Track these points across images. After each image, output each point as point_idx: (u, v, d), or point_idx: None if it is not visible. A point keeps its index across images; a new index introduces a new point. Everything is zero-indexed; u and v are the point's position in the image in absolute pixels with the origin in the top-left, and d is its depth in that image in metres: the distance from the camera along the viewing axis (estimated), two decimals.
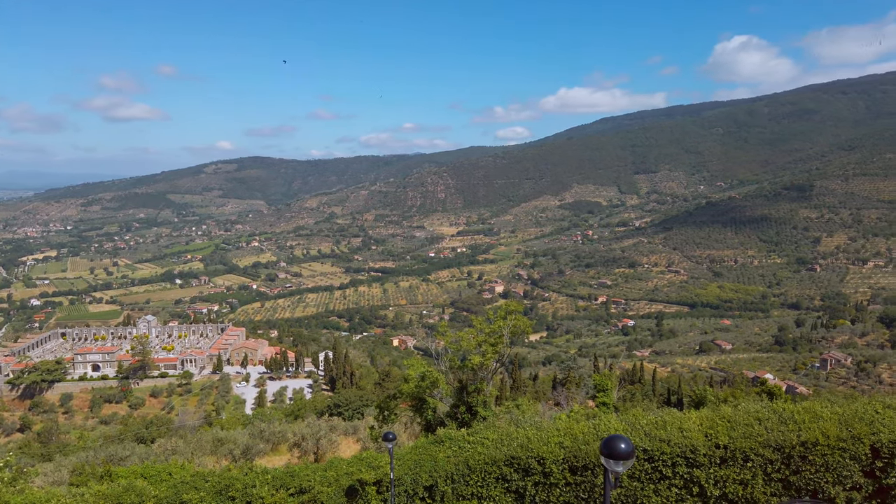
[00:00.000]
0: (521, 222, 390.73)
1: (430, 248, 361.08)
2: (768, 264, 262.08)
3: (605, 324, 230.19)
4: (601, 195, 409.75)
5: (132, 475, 13.43)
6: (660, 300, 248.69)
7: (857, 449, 10.71)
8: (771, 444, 10.55)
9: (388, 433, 12.01)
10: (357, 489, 11.35)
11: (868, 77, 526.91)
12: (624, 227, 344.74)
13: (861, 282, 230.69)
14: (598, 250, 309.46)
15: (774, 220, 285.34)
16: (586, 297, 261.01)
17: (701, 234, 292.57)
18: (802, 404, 12.02)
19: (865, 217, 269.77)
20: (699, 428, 10.82)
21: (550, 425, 12.23)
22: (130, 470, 13.53)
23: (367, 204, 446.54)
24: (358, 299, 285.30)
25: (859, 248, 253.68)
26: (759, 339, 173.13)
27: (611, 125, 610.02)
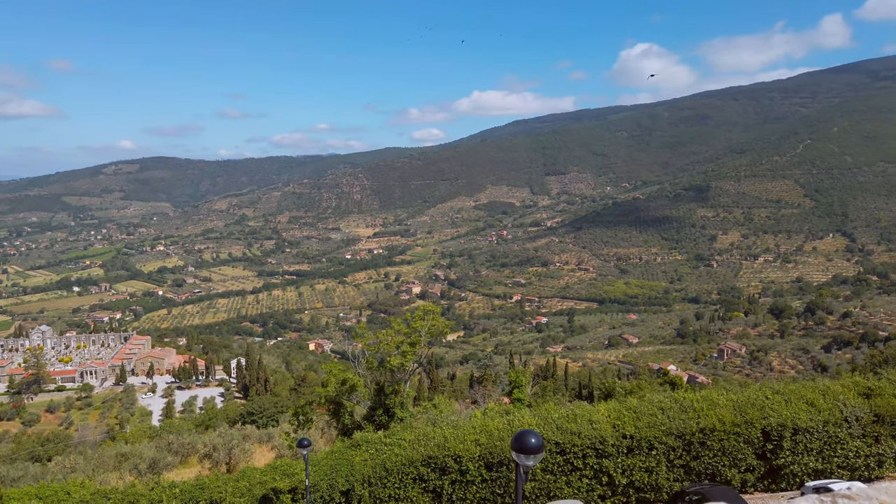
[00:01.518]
0: (437, 223, 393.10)
1: (346, 250, 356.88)
2: (670, 261, 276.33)
3: (520, 321, 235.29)
4: (514, 196, 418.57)
5: (25, 497, 12.52)
6: (571, 297, 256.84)
7: (750, 433, 11.47)
8: (673, 432, 11.12)
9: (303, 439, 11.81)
10: (271, 498, 11.09)
11: (757, 84, 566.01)
12: (536, 227, 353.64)
13: (753, 276, 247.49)
14: (512, 250, 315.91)
15: (675, 219, 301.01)
16: (502, 295, 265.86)
17: (608, 234, 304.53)
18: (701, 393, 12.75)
19: (756, 216, 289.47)
20: (607, 419, 11.27)
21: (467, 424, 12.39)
22: (24, 491, 12.59)
23: (281, 205, 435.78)
24: (272, 303, 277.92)
25: (751, 245, 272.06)
26: (663, 332, 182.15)
27: (523, 128, 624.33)
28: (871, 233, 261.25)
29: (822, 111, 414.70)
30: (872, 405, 12.41)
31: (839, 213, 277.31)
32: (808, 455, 11.79)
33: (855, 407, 12.24)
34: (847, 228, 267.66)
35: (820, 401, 12.21)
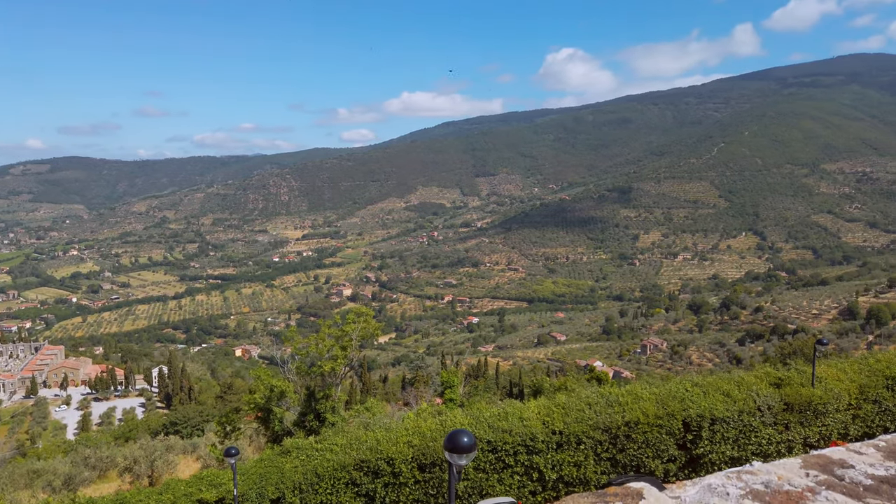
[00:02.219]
0: (367, 224, 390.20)
1: (274, 253, 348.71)
2: (595, 260, 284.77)
3: (451, 322, 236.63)
4: (445, 197, 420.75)
5: None
6: (502, 297, 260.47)
7: (671, 425, 11.92)
8: (600, 427, 11.43)
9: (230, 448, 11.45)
10: None
11: (675, 90, 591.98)
12: (467, 228, 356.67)
13: (673, 273, 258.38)
14: (443, 251, 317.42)
15: (600, 219, 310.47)
16: (433, 296, 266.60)
17: (537, 234, 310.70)
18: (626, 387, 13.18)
19: (675, 216, 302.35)
20: (537, 416, 11.47)
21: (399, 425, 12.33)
22: None
23: (204, 207, 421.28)
24: (196, 309, 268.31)
25: (670, 244, 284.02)
26: (590, 329, 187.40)
27: (452, 129, 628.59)
28: (780, 231, 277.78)
29: (735, 116, 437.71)
30: (782, 394, 13.17)
31: (751, 213, 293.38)
32: (725, 444, 12.36)
33: (767, 396, 12.93)
34: (758, 227, 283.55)
35: (735, 392, 12.82)
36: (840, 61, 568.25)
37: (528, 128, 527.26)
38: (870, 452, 2.00)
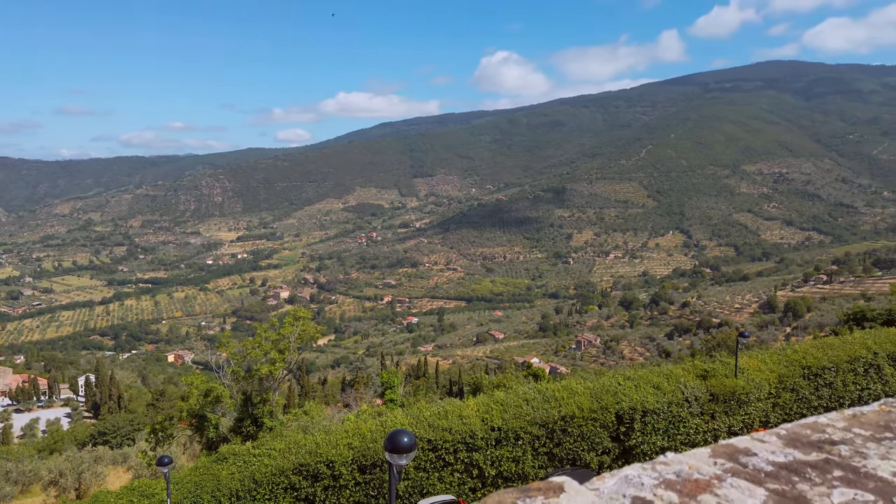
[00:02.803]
0: (305, 226, 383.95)
1: (207, 255, 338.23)
2: (532, 259, 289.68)
3: (391, 323, 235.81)
4: (383, 198, 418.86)
5: None
6: (441, 297, 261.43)
7: (605, 418, 12.33)
8: (537, 422, 11.71)
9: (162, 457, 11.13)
10: None
11: (605, 93, 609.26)
12: (406, 229, 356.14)
13: (605, 271, 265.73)
14: (382, 252, 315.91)
15: (535, 219, 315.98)
16: (373, 297, 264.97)
17: (475, 234, 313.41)
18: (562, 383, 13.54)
19: (606, 215, 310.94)
20: (477, 414, 11.64)
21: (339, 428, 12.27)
22: None
23: (133, 209, 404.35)
24: (125, 314, 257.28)
25: (603, 243, 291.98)
26: (527, 327, 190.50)
27: (390, 130, 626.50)
28: (704, 229, 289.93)
29: (661, 119, 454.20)
30: (708, 385, 13.83)
31: (677, 212, 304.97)
32: (656, 434, 12.87)
33: (694, 388, 13.55)
34: (684, 226, 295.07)
35: (664, 384, 13.37)
36: (758, 67, 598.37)
37: (465, 129, 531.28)
38: (772, 441, 2.12)
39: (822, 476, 2.33)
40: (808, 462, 2.44)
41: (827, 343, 17.07)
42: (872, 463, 2.36)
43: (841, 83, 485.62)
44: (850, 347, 16.34)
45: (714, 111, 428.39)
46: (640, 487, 2.16)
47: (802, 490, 2.19)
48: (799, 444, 2.47)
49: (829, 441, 2.56)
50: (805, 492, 2.18)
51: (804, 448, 2.54)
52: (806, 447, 2.62)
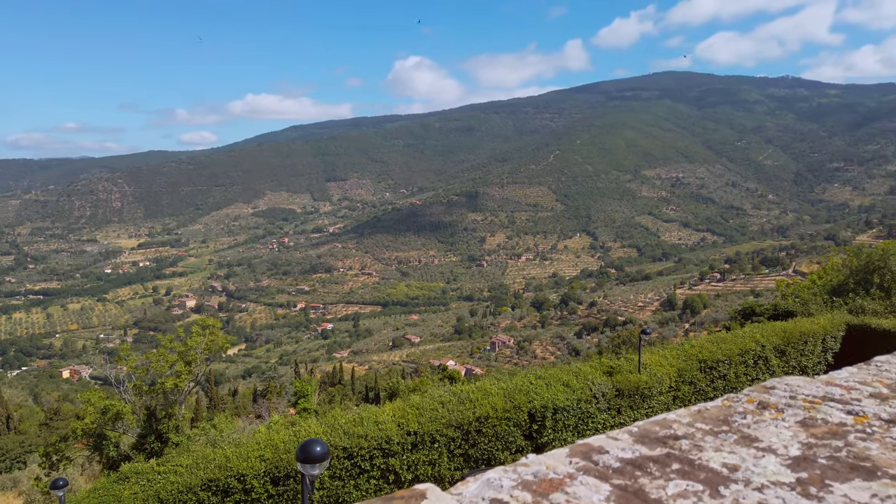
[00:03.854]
0: (212, 231, 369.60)
1: (106, 264, 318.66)
2: (446, 262, 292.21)
3: (305, 330, 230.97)
4: (295, 202, 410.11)
5: None
6: (356, 302, 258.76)
7: (518, 417, 12.61)
8: (453, 424, 11.83)
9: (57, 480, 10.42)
10: None
11: (514, 100, 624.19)
12: (319, 234, 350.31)
13: (517, 273, 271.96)
14: (294, 257, 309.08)
15: (449, 223, 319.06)
16: (285, 304, 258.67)
17: (389, 238, 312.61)
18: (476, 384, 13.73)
19: (518, 218, 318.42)
20: (393, 419, 11.62)
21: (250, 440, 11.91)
22: None
23: (21, 215, 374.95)
24: (13, 328, 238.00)
25: (514, 245, 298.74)
26: (442, 330, 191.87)
27: (301, 133, 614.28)
28: (609, 232, 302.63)
29: (568, 126, 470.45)
30: (614, 381, 14.43)
31: (584, 216, 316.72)
32: (567, 431, 13.29)
33: (601, 384, 14.10)
34: (591, 228, 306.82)
35: (574, 381, 13.82)
36: (655, 78, 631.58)
37: (378, 133, 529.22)
38: (624, 438, 2.20)
39: (662, 470, 2.46)
40: (651, 457, 2.57)
41: (721, 337, 18.20)
42: (707, 455, 2.51)
43: (729, 93, 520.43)
44: (741, 341, 17.50)
45: (616, 118, 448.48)
46: (499, 490, 2.25)
47: (643, 484, 2.32)
48: (647, 441, 2.60)
49: (673, 436, 2.69)
50: (645, 485, 2.31)
51: (651, 444, 2.53)
52: (653, 443, 2.54)
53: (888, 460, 2.23)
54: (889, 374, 2.52)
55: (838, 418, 2.10)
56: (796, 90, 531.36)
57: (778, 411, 2.17)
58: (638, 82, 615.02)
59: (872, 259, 28.85)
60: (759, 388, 2.38)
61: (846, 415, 2.14)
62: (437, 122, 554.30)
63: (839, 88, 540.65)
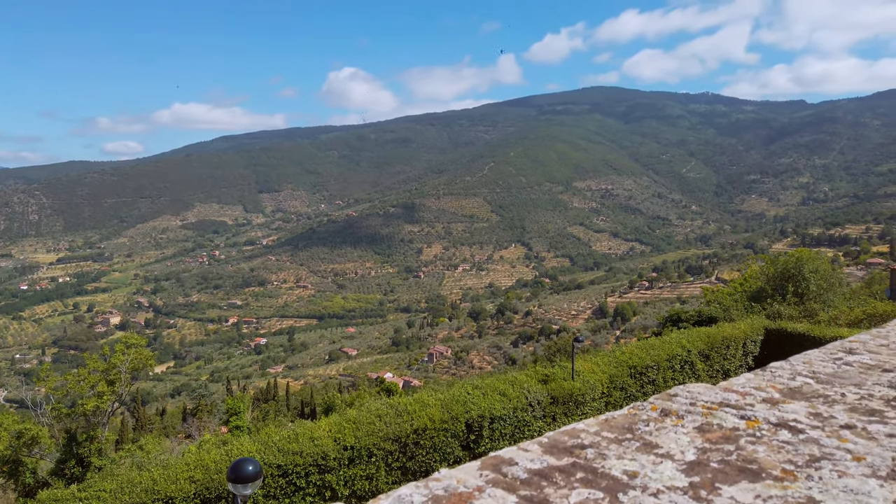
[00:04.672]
0: (138, 245, 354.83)
1: (21, 280, 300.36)
2: (383, 274, 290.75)
3: (237, 345, 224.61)
4: (226, 214, 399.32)
5: None
6: (291, 315, 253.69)
7: (456, 427, 12.66)
8: (390, 437, 11.76)
9: None
10: None
11: (450, 112, 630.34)
12: (252, 246, 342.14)
13: (454, 284, 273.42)
14: (226, 271, 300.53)
15: (386, 234, 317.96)
16: (217, 319, 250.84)
17: (325, 250, 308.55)
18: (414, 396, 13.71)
19: (454, 229, 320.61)
20: (329, 434, 11.44)
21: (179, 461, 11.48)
22: None
23: None
24: None
25: (451, 256, 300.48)
26: (380, 342, 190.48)
27: (232, 143, 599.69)
28: (543, 242, 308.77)
29: (502, 138, 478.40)
30: (549, 389, 14.70)
31: (519, 226, 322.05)
32: (504, 440, 13.44)
33: (536, 392, 14.33)
34: (525, 239, 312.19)
35: (510, 390, 14.01)
36: (585, 92, 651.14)
37: (313, 144, 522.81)
38: (534, 449, 2.24)
39: (567, 479, 2.51)
40: (557, 467, 2.62)
41: (649, 344, 18.83)
42: (609, 463, 2.56)
43: (654, 108, 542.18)
44: (668, 347, 18.17)
45: (548, 131, 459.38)
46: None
47: (547, 494, 2.37)
48: (555, 451, 2.80)
49: (580, 446, 2.74)
50: (549, 495, 2.36)
51: (559, 454, 2.75)
52: (561, 453, 2.77)
53: (772, 462, 2.32)
54: (781, 378, 2.65)
55: (732, 423, 2.19)
56: (716, 106, 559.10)
57: (679, 418, 2.25)
58: (568, 97, 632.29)
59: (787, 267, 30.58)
60: (663, 396, 2.48)
61: (739, 420, 2.22)
62: (373, 133, 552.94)
63: (755, 105, 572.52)
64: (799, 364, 2.92)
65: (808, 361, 2.95)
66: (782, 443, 1.97)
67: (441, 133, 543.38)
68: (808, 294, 29.30)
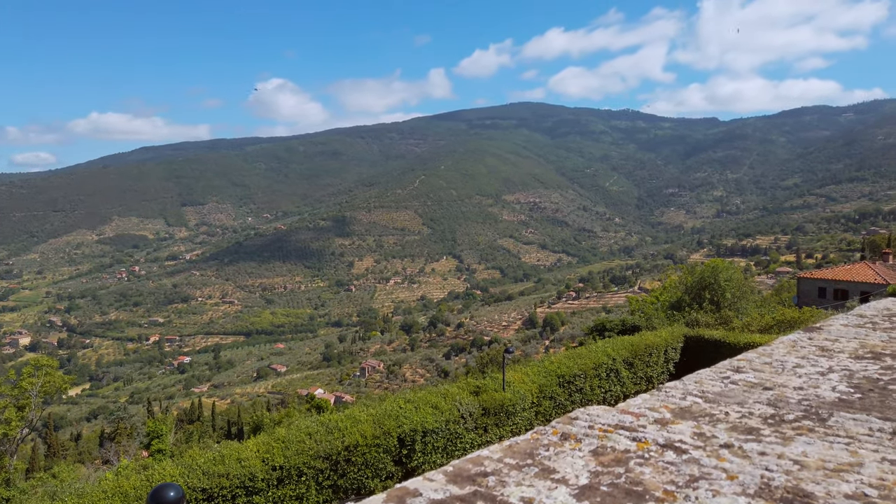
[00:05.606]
0: (50, 261, 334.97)
1: None
2: (314, 288, 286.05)
3: (159, 364, 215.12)
4: (147, 228, 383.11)
5: None
6: (216, 332, 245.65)
7: (388, 443, 12.58)
8: (321, 455, 11.56)
9: None
10: None
11: (380, 125, 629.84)
12: (175, 261, 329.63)
13: (386, 297, 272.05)
14: (147, 287, 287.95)
15: (316, 248, 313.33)
16: (136, 338, 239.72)
17: (252, 265, 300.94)
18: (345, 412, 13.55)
19: (386, 242, 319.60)
20: (256, 454, 11.14)
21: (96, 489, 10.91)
22: None
23: None
24: None
25: (383, 269, 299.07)
26: (310, 357, 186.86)
27: (153, 154, 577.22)
28: (474, 254, 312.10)
29: (432, 152, 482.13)
30: (480, 401, 14.84)
31: (450, 239, 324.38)
32: (436, 453, 13.45)
33: (468, 404, 14.44)
34: (456, 251, 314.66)
35: (442, 403, 14.05)
36: (512, 108, 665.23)
37: (239, 156, 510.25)
38: (438, 479, 2.28)
39: None
40: (459, 496, 2.61)
41: (577, 353, 19.32)
42: (509, 490, 2.55)
43: (579, 124, 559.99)
44: (594, 355, 18.70)
45: (478, 145, 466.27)
46: None
47: None
48: (459, 480, 2.80)
49: (482, 473, 2.72)
50: None
51: (462, 483, 2.75)
52: (464, 482, 2.77)
53: (656, 483, 2.36)
54: (674, 398, 2.66)
55: (624, 445, 2.22)
56: (636, 122, 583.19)
57: (577, 441, 2.28)
58: (497, 111, 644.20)
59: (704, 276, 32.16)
60: (564, 420, 2.45)
61: (631, 441, 2.26)
62: (302, 145, 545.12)
63: (672, 122, 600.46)
64: (691, 383, 2.97)
65: (699, 381, 3.00)
66: (667, 464, 1.99)
67: (371, 146, 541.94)
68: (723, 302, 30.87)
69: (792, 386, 2.75)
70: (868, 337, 3.53)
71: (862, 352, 3.30)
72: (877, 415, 2.33)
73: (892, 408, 2.38)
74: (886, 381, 2.79)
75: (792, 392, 2.66)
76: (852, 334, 3.67)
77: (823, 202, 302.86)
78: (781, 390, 2.69)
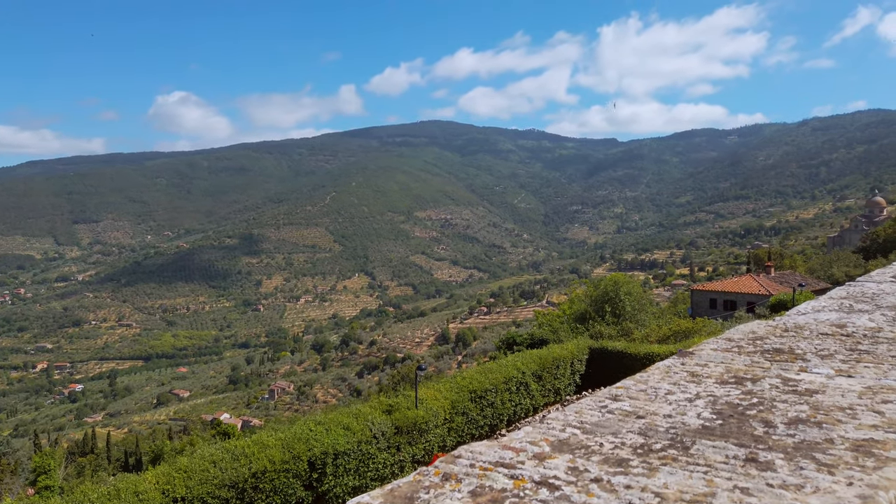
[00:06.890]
0: None
1: None
2: (219, 308, 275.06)
3: (48, 394, 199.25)
4: (34, 248, 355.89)
5: None
6: (112, 357, 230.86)
7: (298, 467, 12.29)
8: (226, 483, 11.14)
9: None
10: None
11: (288, 141, 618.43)
12: (65, 283, 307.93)
13: (296, 316, 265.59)
14: (33, 311, 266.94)
15: (221, 266, 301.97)
16: (21, 366, 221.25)
17: (152, 285, 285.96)
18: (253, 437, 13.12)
19: (296, 260, 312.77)
20: (156, 486, 10.60)
21: None
22: None
23: None
24: None
25: (293, 288, 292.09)
26: (216, 381, 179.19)
27: (41, 169, 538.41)
28: (386, 271, 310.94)
29: (343, 168, 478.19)
30: (393, 419, 14.80)
31: (362, 256, 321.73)
32: (348, 475, 13.28)
33: (381, 423, 14.37)
34: (369, 268, 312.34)
35: (354, 423, 13.91)
36: (423, 125, 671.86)
37: (137, 171, 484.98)
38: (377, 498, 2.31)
39: None
40: None
41: (488, 368, 19.67)
42: None
43: (488, 143, 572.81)
44: (504, 370, 19.10)
45: (389, 162, 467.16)
46: None
47: None
48: None
49: None
50: None
51: None
52: None
53: None
54: (554, 430, 2.67)
55: (502, 484, 2.17)
56: (542, 142, 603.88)
57: (457, 482, 2.21)
58: (408, 129, 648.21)
59: (607, 289, 33.60)
60: (448, 458, 2.46)
61: (509, 480, 2.21)
62: (205, 160, 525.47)
63: (575, 142, 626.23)
64: (571, 414, 2.97)
65: (579, 411, 3.00)
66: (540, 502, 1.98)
67: (280, 162, 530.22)
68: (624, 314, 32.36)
69: (662, 413, 2.82)
70: (733, 361, 3.57)
71: (727, 377, 3.38)
72: (733, 441, 2.40)
73: (748, 434, 2.47)
74: (745, 406, 2.87)
75: (662, 420, 2.73)
76: (720, 359, 3.71)
77: (713, 218, 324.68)
78: (652, 419, 2.76)
